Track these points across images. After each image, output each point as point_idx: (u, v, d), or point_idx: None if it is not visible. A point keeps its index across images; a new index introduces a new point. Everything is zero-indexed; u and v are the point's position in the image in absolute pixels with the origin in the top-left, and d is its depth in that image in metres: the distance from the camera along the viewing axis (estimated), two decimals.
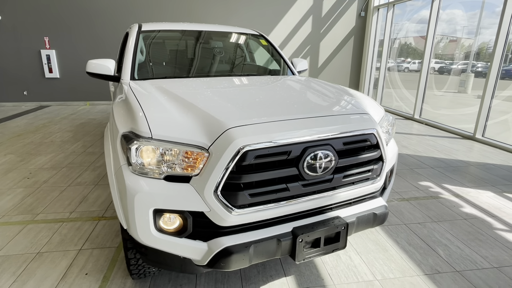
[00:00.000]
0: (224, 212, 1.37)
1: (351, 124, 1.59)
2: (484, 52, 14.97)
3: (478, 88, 15.20)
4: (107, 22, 7.86)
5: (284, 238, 1.47)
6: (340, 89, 2.31)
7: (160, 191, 1.39)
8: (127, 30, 3.18)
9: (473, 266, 2.22)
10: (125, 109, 1.75)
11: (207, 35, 2.98)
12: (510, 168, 4.08)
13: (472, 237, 2.56)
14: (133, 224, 1.44)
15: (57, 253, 2.32)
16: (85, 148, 4.74)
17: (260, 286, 2.01)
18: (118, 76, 2.50)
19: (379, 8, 8.50)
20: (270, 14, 8.38)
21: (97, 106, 8.20)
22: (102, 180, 3.60)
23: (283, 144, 1.41)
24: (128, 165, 1.46)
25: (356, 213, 1.68)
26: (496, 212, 2.95)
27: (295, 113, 1.59)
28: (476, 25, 10.40)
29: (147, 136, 1.42)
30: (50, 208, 2.96)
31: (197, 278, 2.08)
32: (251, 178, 1.38)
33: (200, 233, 1.46)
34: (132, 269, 1.81)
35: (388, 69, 8.68)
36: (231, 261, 1.39)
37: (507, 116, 8.15)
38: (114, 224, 2.70)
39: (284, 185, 1.46)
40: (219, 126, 1.42)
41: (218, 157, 1.34)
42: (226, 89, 2.16)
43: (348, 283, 2.05)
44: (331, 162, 1.51)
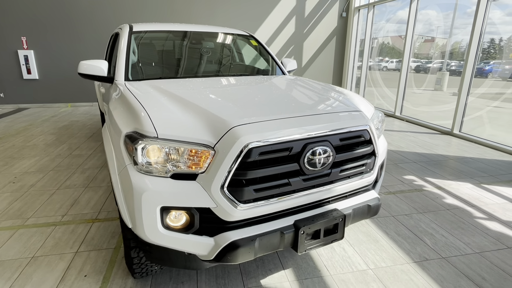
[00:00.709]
0: (230, 208, 1.43)
1: (346, 121, 1.69)
2: (457, 51, 15.67)
3: (453, 86, 15.92)
4: (88, 22, 7.68)
5: (287, 231, 1.54)
6: (331, 88, 2.41)
7: (167, 189, 1.43)
8: (116, 30, 3.16)
9: (457, 252, 2.37)
10: (125, 110, 1.77)
11: (199, 36, 3.01)
12: (486, 161, 4.34)
13: (455, 226, 2.72)
14: (139, 222, 1.47)
15: (53, 256, 2.30)
16: (71, 150, 4.64)
17: (260, 280, 2.08)
18: (111, 77, 2.50)
19: (359, 9, 8.75)
20: (254, 15, 8.44)
21: (79, 108, 8.00)
22: (92, 182, 3.56)
23: (285, 141, 1.48)
24: (133, 165, 1.49)
25: (352, 205, 1.77)
26: (475, 202, 3.15)
27: (294, 111, 1.66)
28: (450, 25, 10.86)
29: (152, 135, 1.45)
30: (40, 212, 2.90)
31: (198, 274, 2.12)
32: (256, 174, 1.44)
33: (206, 229, 1.50)
34: (135, 268, 1.83)
35: (368, 68, 8.95)
36: (238, 255, 1.45)
37: (481, 113, 8.59)
38: (109, 226, 2.69)
39: (286, 180, 1.53)
40: (224, 125, 1.47)
41: (224, 155, 1.39)
42: (223, 89, 2.21)
43: (344, 273, 2.14)
44: (329, 157, 1.60)
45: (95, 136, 5.42)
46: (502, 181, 3.68)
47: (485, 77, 17.61)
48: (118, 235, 2.55)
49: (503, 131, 6.78)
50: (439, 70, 16.72)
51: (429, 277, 2.11)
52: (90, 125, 6.16)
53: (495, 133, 6.62)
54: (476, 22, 5.14)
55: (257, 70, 3.12)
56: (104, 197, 3.20)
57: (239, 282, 2.06)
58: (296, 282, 2.05)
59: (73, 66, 7.83)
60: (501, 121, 7.96)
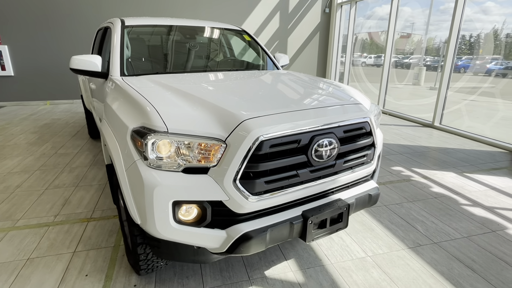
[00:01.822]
0: (243, 200, 1.45)
1: (349, 113, 1.74)
2: (432, 47, 16.20)
3: (430, 81, 16.48)
4: (67, 16, 7.38)
5: (296, 221, 1.58)
6: (328, 81, 2.46)
7: (179, 183, 1.43)
8: (105, 25, 3.08)
9: (447, 237, 2.50)
10: (129, 105, 1.74)
11: (193, 31, 2.98)
12: (466, 151, 4.57)
13: (443, 213, 2.86)
14: (150, 218, 1.47)
15: (50, 257, 2.24)
16: (55, 149, 4.48)
17: (264, 271, 2.12)
18: (105, 72, 2.44)
19: (342, 5, 8.89)
20: (238, 10, 8.40)
21: (59, 106, 7.71)
22: (82, 181, 3.47)
23: (294, 133, 1.52)
24: (143, 160, 1.48)
25: (354, 195, 1.84)
26: (460, 190, 3.32)
27: (300, 104, 1.70)
28: (423, 22, 11.23)
29: (162, 130, 1.45)
30: (30, 213, 2.81)
31: (202, 268, 2.13)
32: (266, 166, 1.47)
33: (217, 222, 1.52)
34: (141, 265, 1.82)
35: (351, 63, 9.14)
36: (250, 246, 1.48)
37: (459, 106, 8.98)
38: (105, 224, 2.64)
39: (295, 172, 1.57)
40: (234, 118, 1.48)
41: (236, 148, 1.41)
42: (226, 83, 2.22)
43: (344, 261, 2.22)
44: (334, 149, 1.65)
45: (80, 134, 5.26)
46: (482, 169, 3.90)
47: (457, 72, 18.35)
48: (116, 233, 2.51)
49: (474, 122, 7.14)
50: (416, 65, 17.28)
51: (424, 261, 2.22)
52: (73, 123, 5.96)
53: (467, 124, 6.97)
54: (454, 19, 5.36)
55: (253, 65, 3.13)
56: (97, 196, 3.13)
57: (243, 274, 2.09)
58: (300, 272, 2.11)
59: (52, 62, 7.53)
60: (473, 112, 8.36)
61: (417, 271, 2.12)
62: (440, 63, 16.51)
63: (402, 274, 2.10)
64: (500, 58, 17.57)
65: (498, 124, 7.13)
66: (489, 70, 17.06)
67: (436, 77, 15.07)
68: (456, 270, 2.13)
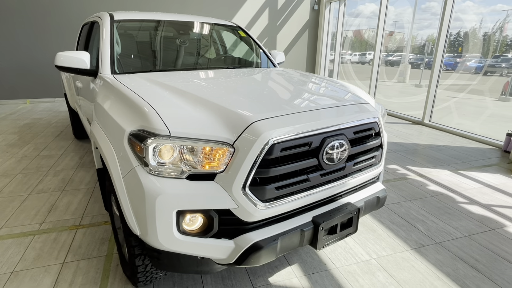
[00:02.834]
0: (252, 208, 1.35)
1: (359, 114, 1.67)
2: (414, 45, 16.40)
3: (414, 78, 16.74)
4: (48, 9, 7.02)
5: (306, 228, 1.50)
6: (332, 80, 2.39)
7: (184, 191, 1.32)
8: (92, 19, 2.90)
9: (449, 237, 2.49)
10: (123, 105, 1.61)
11: (187, 26, 2.84)
12: (457, 148, 4.62)
13: (442, 212, 2.86)
14: (151, 229, 1.35)
15: (36, 269, 2.08)
16: (38, 151, 4.24)
17: (268, 278, 2.03)
18: (94, 70, 2.28)
19: (331, 2, 8.86)
20: (227, 5, 8.24)
21: (39, 104, 7.36)
22: (68, 185, 3.28)
23: (306, 135, 1.43)
24: (143, 166, 1.35)
25: (363, 198, 1.77)
26: (456, 188, 3.33)
27: (309, 105, 1.61)
28: (408, 20, 11.35)
29: (164, 134, 1.33)
30: (13, 221, 2.62)
31: (203, 277, 2.03)
32: (277, 171, 1.38)
33: (224, 231, 1.42)
34: (139, 277, 1.70)
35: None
36: (261, 256, 1.39)
37: (447, 103, 9.13)
38: (95, 231, 2.49)
39: (306, 176, 1.48)
40: (242, 120, 1.38)
41: (246, 152, 1.31)
42: (226, 81, 2.10)
43: (349, 265, 2.16)
44: (345, 151, 1.57)
45: (63, 134, 5.01)
46: (475, 166, 3.94)
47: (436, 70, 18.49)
48: (107, 241, 2.37)
49: (461, 119, 7.27)
50: (401, 63, 17.54)
51: (429, 262, 2.19)
52: (56, 123, 5.68)
53: (456, 120, 7.09)
54: (443, 18, 5.41)
55: (249, 63, 3.02)
56: (85, 201, 2.96)
57: (246, 281, 2.00)
58: (304, 277, 2.04)
59: (32, 59, 7.16)
60: (459, 109, 8.53)
61: (423, 273, 2.09)
62: (424, 61, 16.84)
63: (409, 276, 2.05)
64: (479, 56, 18.07)
65: (483, 120, 7.30)
66: (469, 67, 17.55)
67: (421, 75, 15.34)
68: (461, 271, 2.11)
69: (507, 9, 18.08)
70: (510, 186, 3.40)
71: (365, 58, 21.44)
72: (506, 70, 15.07)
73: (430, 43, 15.89)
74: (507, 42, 17.28)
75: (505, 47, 17.07)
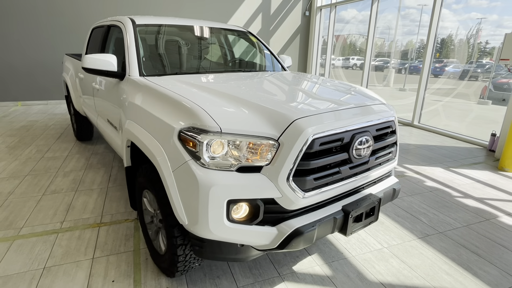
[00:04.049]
0: (295, 197, 1.50)
1: (381, 113, 1.85)
2: (396, 51, 17.01)
3: (398, 82, 17.32)
4: (40, 12, 6.94)
5: (338, 216, 1.66)
6: (345, 83, 2.58)
7: (234, 182, 1.45)
8: (111, 23, 2.97)
9: (450, 227, 2.71)
10: (167, 105, 1.73)
11: (204, 31, 2.97)
12: (447, 148, 4.93)
13: (440, 205, 3.09)
14: (203, 218, 1.47)
15: (68, 265, 2.14)
16: (41, 153, 4.23)
17: (292, 267, 2.18)
18: (121, 72, 2.37)
19: (321, 9, 9.17)
20: (221, 10, 8.38)
21: (32, 107, 7.23)
22: (80, 185, 3.31)
23: (340, 132, 1.59)
24: (195, 160, 1.48)
25: (382, 190, 1.95)
26: (450, 184, 3.59)
27: (339, 104, 1.78)
28: (388, 26, 11.79)
29: (215, 130, 1.46)
30: (33, 221, 2.65)
31: (231, 267, 2.15)
32: (316, 163, 1.53)
33: (266, 219, 1.56)
34: (179, 266, 1.81)
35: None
36: (301, 241, 1.53)
37: (435, 106, 9.58)
38: (118, 229, 2.56)
39: (338, 169, 1.65)
40: (285, 118, 1.53)
41: (290, 147, 1.46)
42: (253, 83, 2.25)
43: (364, 253, 2.34)
44: (369, 146, 1.75)
45: (64, 137, 4.99)
46: (464, 164, 4.23)
47: (419, 74, 19.29)
48: (132, 238, 2.45)
49: (447, 121, 7.67)
50: (386, 68, 18.16)
51: (435, 249, 2.40)
52: (54, 125, 5.63)
53: (442, 122, 7.49)
54: (431, 25, 5.76)
55: (264, 66, 3.19)
56: (101, 200, 3.02)
57: (272, 270, 2.14)
58: (326, 266, 2.20)
59: (23, 60, 7.04)
60: (443, 112, 8.98)
61: (431, 259, 2.29)
62: (407, 66, 17.52)
63: (419, 262, 2.25)
64: (456, 62, 18.97)
65: (465, 122, 7.74)
66: (448, 72, 18.42)
67: (405, 79, 15.97)
68: (464, 256, 2.33)
69: (481, 17, 19.13)
70: (498, 181, 3.70)
71: (348, 62, 22.07)
72: (481, 75, 15.92)
73: (413, 49, 16.57)
74: (481, 48, 18.24)
75: (479, 54, 18.01)
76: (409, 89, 14.00)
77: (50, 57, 7.22)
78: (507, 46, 4.20)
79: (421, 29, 18.47)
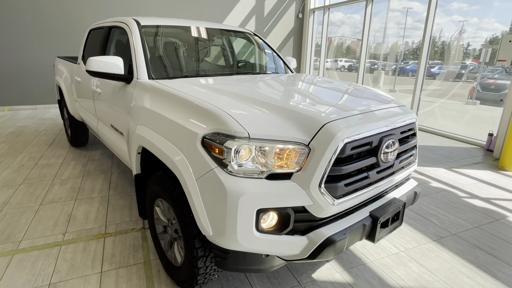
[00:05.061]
0: (326, 204, 1.44)
1: (403, 115, 1.81)
2: (383, 53, 17.25)
3: (388, 84, 17.56)
4: (26, 13, 6.70)
5: (367, 222, 1.60)
6: (358, 85, 2.54)
7: (264, 191, 1.38)
8: (112, 24, 2.85)
9: (462, 228, 2.70)
10: (186, 109, 1.64)
11: (212, 33, 2.88)
12: (446, 148, 4.98)
13: (449, 206, 3.09)
14: (231, 228, 1.39)
15: (75, 280, 2.01)
16: (34, 160, 4.04)
17: (311, 275, 2.11)
18: (128, 75, 2.27)
19: (314, 11, 9.20)
20: (215, 12, 8.30)
21: (19, 112, 6.95)
22: (80, 194, 3.16)
23: (370, 135, 1.54)
24: (222, 168, 1.40)
25: (404, 193, 1.91)
26: (455, 184, 3.60)
27: (363, 107, 1.73)
28: (373, 29, 11.97)
29: (243, 136, 1.38)
30: (32, 233, 2.50)
31: (249, 278, 2.07)
32: (347, 169, 1.47)
33: (296, 228, 1.49)
34: (199, 279, 1.71)
35: (324, 67, 9.49)
36: (333, 250, 1.47)
37: (431, 107, 9.70)
38: (125, 239, 2.44)
39: (366, 174, 1.59)
40: (314, 121, 1.46)
41: (322, 152, 1.39)
42: (270, 85, 2.19)
43: (381, 258, 2.29)
44: (395, 150, 1.70)
45: (57, 143, 4.79)
46: (466, 164, 4.27)
47: (406, 75, 19.79)
48: (141, 248, 2.33)
49: (443, 121, 7.78)
50: (375, 69, 18.42)
51: (451, 252, 2.37)
52: (45, 131, 5.42)
53: (437, 123, 7.58)
54: (426, 28, 5.82)
55: (272, 69, 3.13)
56: (103, 209, 2.88)
57: (291, 279, 2.07)
58: (345, 272, 2.14)
59: (10, 64, 6.77)
60: (435, 112, 9.12)
61: (449, 261, 2.26)
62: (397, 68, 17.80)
63: (438, 265, 2.22)
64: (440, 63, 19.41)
65: (457, 122, 7.88)
66: (433, 74, 18.85)
67: (394, 81, 16.21)
68: (482, 258, 2.31)
69: (462, 20, 19.66)
70: (501, 181, 3.74)
71: (336, 64, 22.36)
72: (465, 76, 16.32)
73: (401, 51, 16.84)
74: (463, 50, 18.71)
75: (462, 55, 18.48)
76: (399, 90, 14.21)
77: (38, 60, 6.97)
78: (504, 48, 4.27)
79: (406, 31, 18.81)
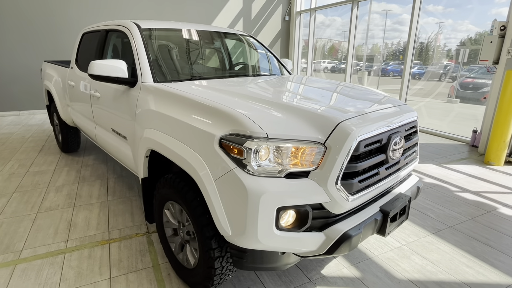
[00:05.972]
0: (343, 200, 1.48)
1: (406, 113, 1.89)
2: (361, 54, 17.69)
3: (372, 84, 17.95)
4: (8, 15, 6.48)
5: (378, 217, 1.66)
6: (357, 85, 2.62)
7: (283, 189, 1.41)
8: (110, 27, 2.81)
9: (457, 221, 2.82)
10: (200, 111, 1.65)
11: (212, 36, 2.89)
12: (434, 145, 5.16)
13: (443, 200, 3.22)
14: (252, 227, 1.42)
15: (84, 287, 1.98)
16: (25, 167, 3.92)
17: (320, 271, 2.16)
18: (132, 79, 2.25)
19: (301, 13, 9.34)
20: (202, 14, 8.29)
21: (2, 118, 6.71)
22: (77, 200, 3.10)
23: (381, 132, 1.60)
24: (241, 168, 1.42)
25: (409, 188, 1.99)
26: (446, 179, 3.75)
27: (372, 106, 1.80)
28: (352, 31, 12.37)
29: (262, 136, 1.41)
30: (33, 242, 2.43)
31: (260, 276, 2.09)
32: (361, 166, 1.53)
33: (313, 224, 1.53)
34: (215, 280, 1.73)
35: (312, 69, 9.64)
36: (349, 244, 1.51)
37: (417, 106, 9.99)
38: (130, 244, 2.42)
39: (377, 170, 1.65)
40: (329, 120, 1.51)
41: (338, 150, 1.44)
42: (277, 86, 2.24)
43: (385, 252, 2.37)
44: (402, 146, 1.78)
45: (47, 149, 4.66)
46: (454, 160, 4.45)
47: (387, 76, 20.31)
48: (147, 252, 2.32)
49: (428, 119, 8.03)
50: (359, 70, 18.82)
51: (450, 243, 2.48)
52: (32, 137, 5.26)
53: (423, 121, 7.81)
54: (411, 30, 6.03)
55: (272, 70, 3.17)
56: (104, 215, 2.84)
57: (302, 276, 2.11)
58: (353, 267, 2.20)
59: None
60: (418, 111, 9.39)
61: (449, 253, 2.36)
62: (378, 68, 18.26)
63: (439, 257, 2.31)
64: (420, 63, 20.07)
65: (441, 119, 8.18)
66: (413, 73, 19.49)
67: (378, 81, 16.63)
68: (478, 248, 2.43)
69: (439, 21, 20.42)
70: (488, 174, 3.92)
71: (319, 66, 22.77)
72: (443, 75, 16.96)
73: (382, 52, 17.30)
74: (440, 51, 19.44)
75: (439, 55, 19.19)
76: (383, 90, 14.60)
77: (21, 64, 6.75)
78: (486, 48, 4.49)
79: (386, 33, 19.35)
